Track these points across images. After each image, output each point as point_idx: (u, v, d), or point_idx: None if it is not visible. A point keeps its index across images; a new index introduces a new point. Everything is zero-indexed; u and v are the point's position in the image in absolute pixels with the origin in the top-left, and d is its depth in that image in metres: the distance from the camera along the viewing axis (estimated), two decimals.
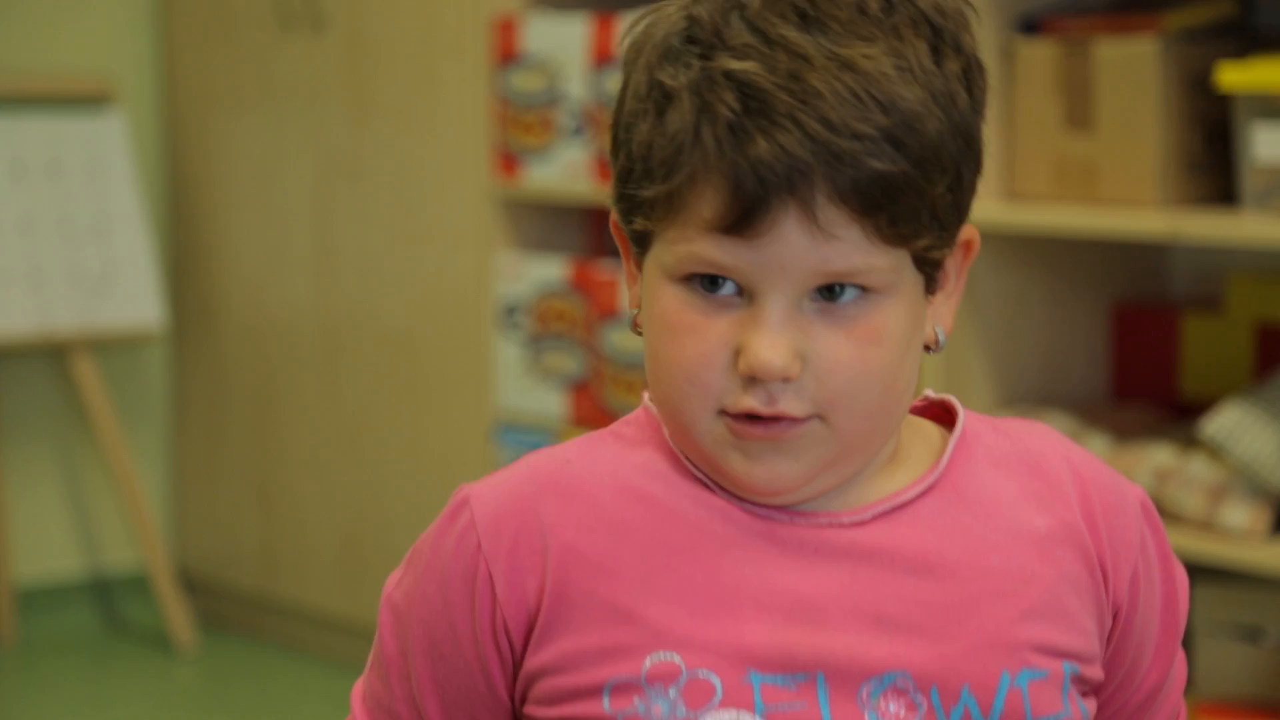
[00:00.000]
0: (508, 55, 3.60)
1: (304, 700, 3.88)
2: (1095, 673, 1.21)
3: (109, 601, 4.36)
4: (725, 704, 1.14)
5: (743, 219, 1.10)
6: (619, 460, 1.20)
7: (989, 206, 3.02)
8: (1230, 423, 2.80)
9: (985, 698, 1.15)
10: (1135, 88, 2.92)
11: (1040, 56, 3.01)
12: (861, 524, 1.17)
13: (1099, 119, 2.96)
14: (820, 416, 1.13)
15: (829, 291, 1.12)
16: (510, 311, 3.64)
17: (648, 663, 1.14)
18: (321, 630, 4.08)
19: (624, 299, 3.40)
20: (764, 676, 1.14)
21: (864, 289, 1.12)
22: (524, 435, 3.62)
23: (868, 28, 1.11)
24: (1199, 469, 2.84)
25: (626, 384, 3.46)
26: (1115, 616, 1.23)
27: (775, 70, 1.09)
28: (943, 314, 1.19)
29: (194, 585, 4.35)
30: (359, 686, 1.27)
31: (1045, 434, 1.25)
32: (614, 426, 1.23)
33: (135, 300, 4.11)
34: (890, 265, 1.12)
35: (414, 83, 3.81)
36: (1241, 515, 2.80)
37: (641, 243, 1.17)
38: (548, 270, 3.57)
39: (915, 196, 1.11)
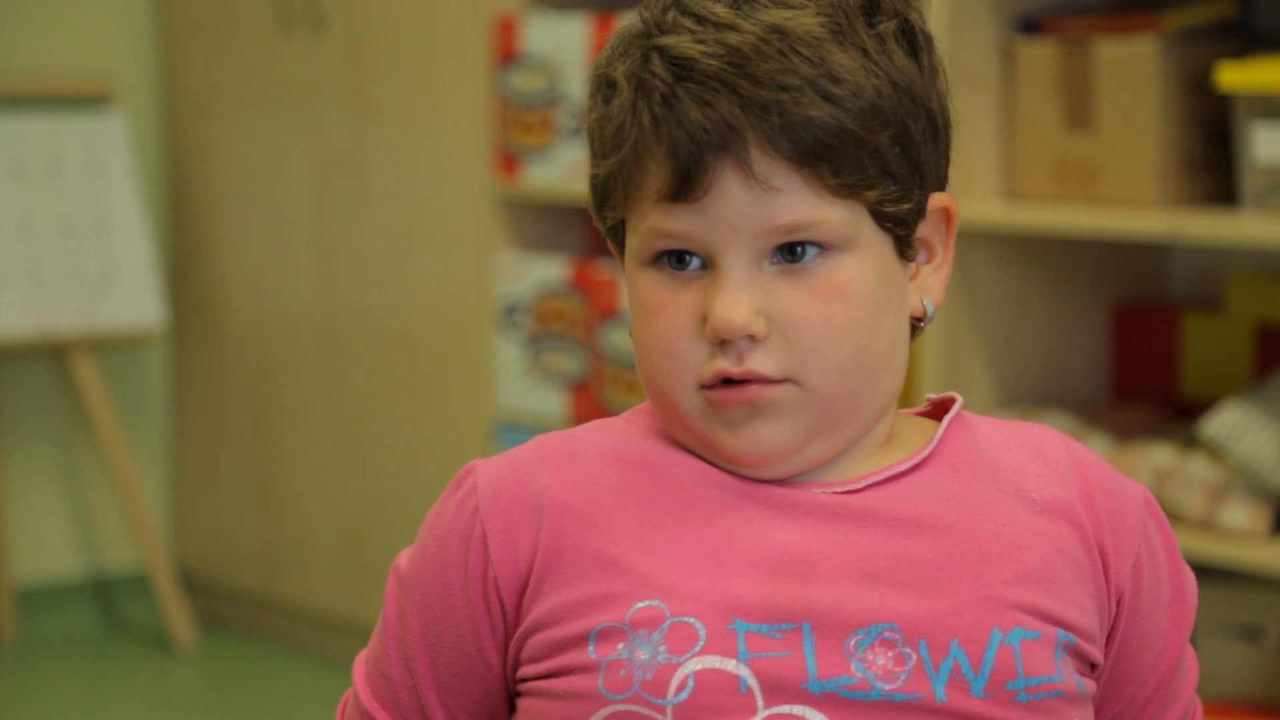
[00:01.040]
0: (508, 55, 3.60)
1: (304, 700, 3.88)
2: (1093, 652, 1.22)
3: (109, 601, 4.36)
4: (708, 650, 1.15)
5: (684, 183, 1.15)
6: (622, 435, 1.23)
7: (989, 206, 3.02)
8: (1230, 423, 2.80)
9: (975, 652, 1.16)
10: (1135, 88, 2.92)
11: (1040, 56, 3.01)
12: (854, 491, 1.20)
13: (1099, 119, 2.96)
14: (794, 380, 1.16)
15: (790, 253, 1.16)
16: (510, 311, 3.64)
17: (632, 610, 1.16)
18: (321, 630, 4.08)
19: (624, 300, 3.40)
20: (749, 625, 1.16)
21: (823, 246, 1.16)
22: (524, 435, 3.62)
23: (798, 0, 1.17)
24: (1199, 469, 2.84)
25: (626, 384, 3.46)
26: (1119, 603, 1.23)
27: (704, 41, 1.15)
28: (930, 286, 1.23)
29: (194, 585, 4.35)
30: (361, 655, 1.29)
31: (1046, 429, 1.28)
32: (622, 414, 1.27)
33: (135, 300, 4.11)
34: (843, 219, 1.16)
35: (414, 83, 3.81)
36: (1241, 515, 2.80)
37: (618, 238, 1.22)
38: (548, 270, 3.57)
39: (853, 145, 1.15)
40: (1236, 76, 2.80)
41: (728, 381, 1.17)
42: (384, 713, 1.26)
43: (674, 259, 1.18)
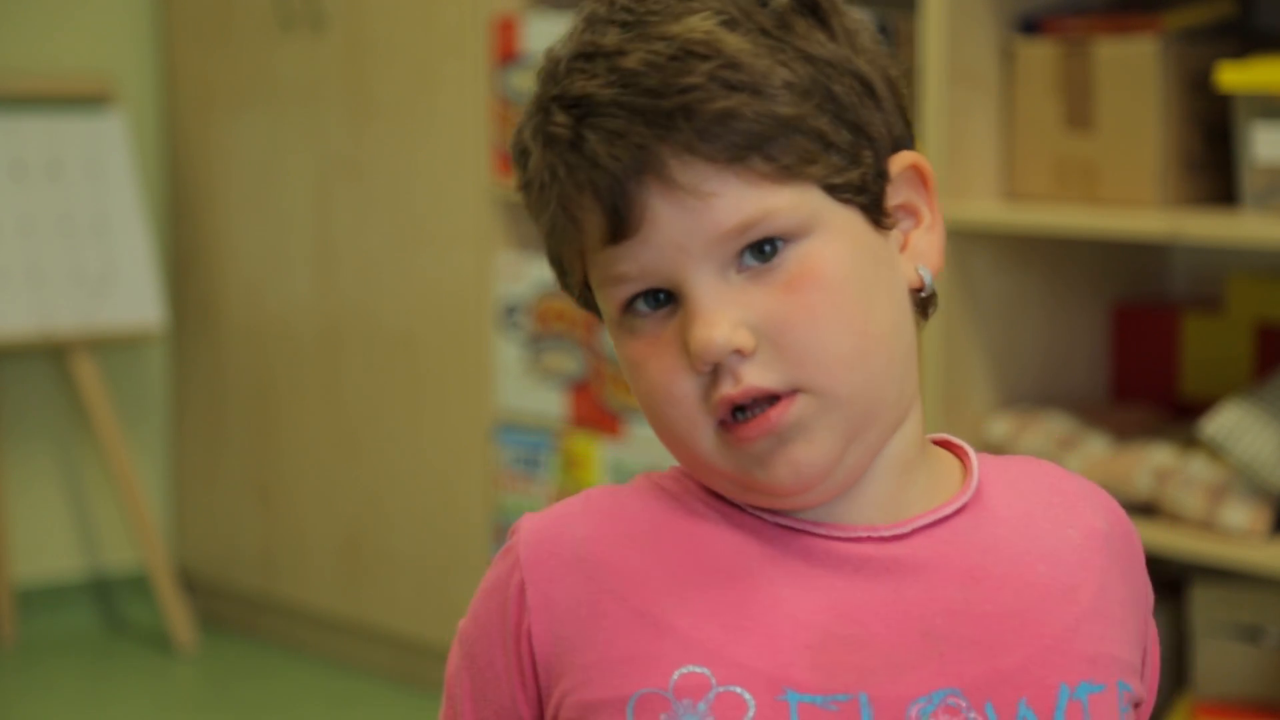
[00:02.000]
0: (508, 55, 3.60)
1: (304, 700, 3.88)
2: (1140, 688, 1.18)
3: (109, 601, 4.36)
4: None
5: (617, 221, 1.10)
6: (667, 495, 1.17)
7: (989, 206, 3.02)
8: (1230, 423, 2.80)
9: (1045, 710, 1.12)
10: (1135, 88, 2.92)
11: (1040, 56, 3.01)
12: (902, 537, 1.14)
13: (1099, 119, 2.96)
14: (801, 389, 1.10)
15: (755, 254, 1.10)
16: (510, 311, 3.64)
17: (675, 675, 1.10)
18: (321, 630, 4.08)
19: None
20: (801, 696, 1.09)
21: (784, 238, 1.10)
22: (524, 435, 3.62)
23: (684, 3, 1.12)
24: (1199, 469, 2.84)
25: (626, 384, 3.46)
26: (1149, 624, 1.21)
27: (597, 75, 1.10)
28: (924, 251, 1.17)
29: (194, 585, 4.35)
30: None
31: (1040, 462, 1.24)
32: (663, 476, 1.21)
33: (135, 300, 4.11)
34: (793, 204, 1.10)
35: (414, 83, 3.81)
36: (1241, 515, 2.79)
37: (590, 304, 1.17)
38: (548, 270, 3.56)
39: (777, 127, 1.10)
40: (1236, 76, 2.80)
41: (739, 412, 1.10)
42: None
43: (644, 302, 1.12)
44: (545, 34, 3.54)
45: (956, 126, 3.00)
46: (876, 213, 1.14)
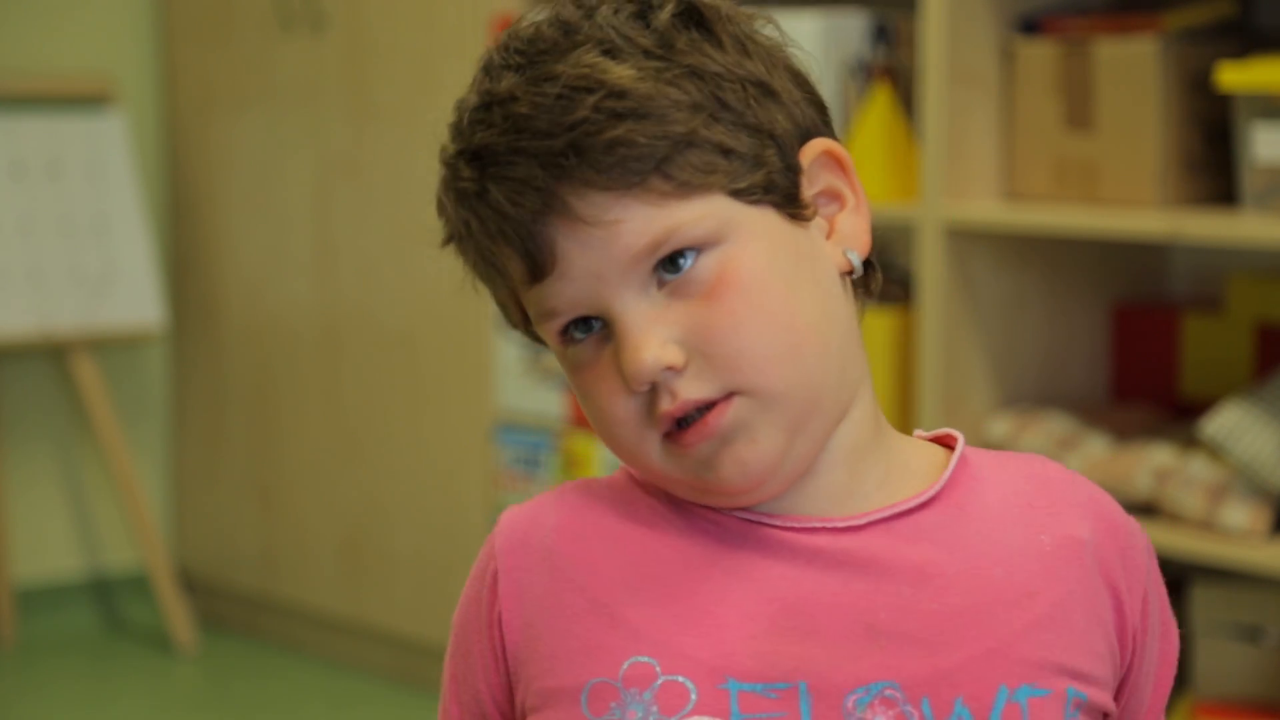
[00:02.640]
0: None
1: (304, 700, 3.88)
2: (1104, 700, 1.18)
3: (109, 601, 4.37)
4: (699, 710, 1.12)
5: (533, 260, 1.13)
6: (631, 485, 1.20)
7: (989, 206, 3.02)
8: (1230, 423, 2.80)
9: (980, 710, 1.13)
10: (1135, 88, 2.92)
11: (1040, 56, 3.01)
12: (856, 529, 1.16)
13: (1099, 119, 2.96)
14: (737, 391, 1.12)
15: (672, 268, 1.13)
16: None
17: (625, 665, 1.14)
18: (321, 630, 4.08)
19: None
20: (742, 685, 1.13)
21: (698, 249, 1.13)
22: (524, 435, 3.62)
23: (571, 39, 1.14)
24: (1199, 469, 2.84)
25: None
26: (1133, 641, 1.20)
27: (493, 126, 1.14)
28: (850, 233, 1.18)
29: (194, 585, 4.35)
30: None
31: (1048, 462, 1.24)
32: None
33: (135, 300, 4.11)
34: (700, 215, 1.12)
35: (414, 83, 3.81)
36: (1241, 515, 2.80)
37: (538, 339, 1.20)
38: None
39: (670, 145, 1.12)
40: (1236, 76, 2.80)
41: (681, 422, 1.13)
42: None
43: (578, 329, 1.15)
44: None
45: (956, 126, 3.00)
46: (790, 207, 1.16)
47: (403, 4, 3.81)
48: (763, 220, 1.14)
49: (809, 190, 1.17)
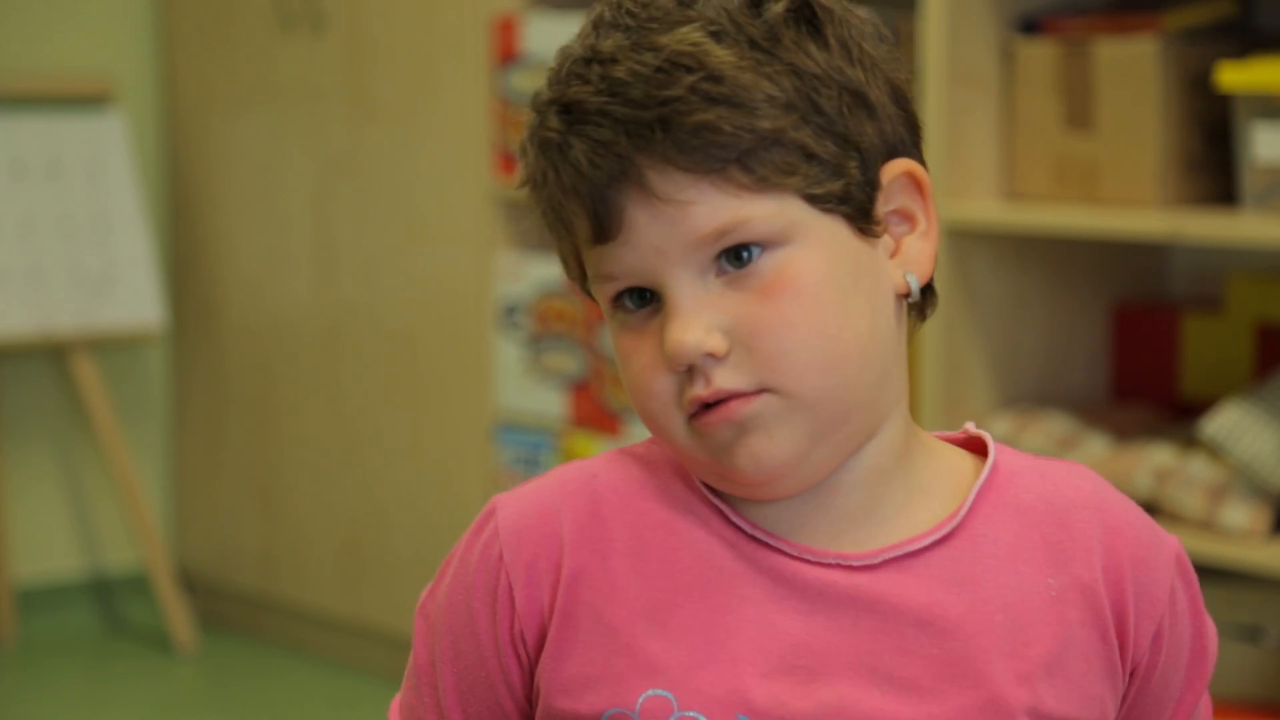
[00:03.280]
0: (508, 55, 3.61)
1: (304, 700, 3.88)
2: None
3: (109, 601, 4.36)
4: None
5: (599, 224, 1.14)
6: (641, 481, 1.21)
7: (989, 206, 3.02)
8: (1230, 423, 2.80)
9: None
10: (1135, 88, 2.92)
11: (1040, 56, 3.01)
12: (869, 568, 1.17)
13: (1099, 119, 2.96)
14: (770, 389, 1.13)
15: (733, 259, 1.14)
16: (510, 311, 3.64)
17: (642, 698, 1.15)
18: (321, 630, 4.08)
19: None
20: None
21: (762, 245, 1.13)
22: (524, 435, 3.62)
23: (683, 12, 1.15)
24: (1199, 469, 2.84)
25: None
26: (1133, 674, 1.21)
27: (590, 81, 1.14)
28: (915, 257, 1.18)
29: (194, 585, 4.35)
30: (396, 699, 1.29)
31: (1083, 480, 1.23)
32: (636, 446, 1.25)
33: (135, 300, 4.11)
34: (771, 212, 1.13)
35: (414, 83, 3.81)
36: (1241, 515, 2.80)
37: (593, 296, 1.21)
38: (548, 270, 3.57)
39: (755, 139, 1.12)
40: (1236, 76, 2.80)
41: (708, 405, 1.14)
42: None
43: (631, 298, 1.16)
44: (545, 34, 3.54)
45: (956, 126, 3.00)
46: (862, 220, 1.16)
47: (403, 4, 3.81)
48: (831, 229, 1.15)
49: (883, 207, 1.17)
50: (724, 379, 1.13)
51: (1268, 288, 3.08)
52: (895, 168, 1.17)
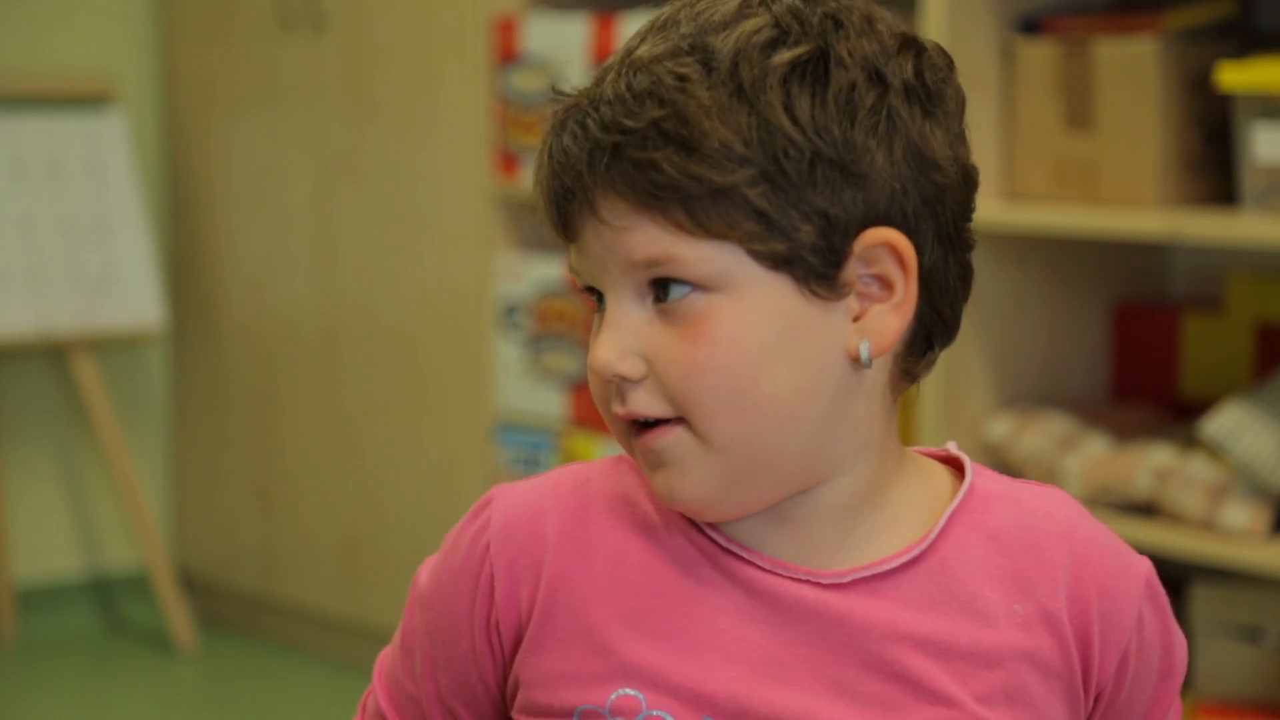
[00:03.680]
0: (508, 55, 3.60)
1: (304, 700, 3.88)
2: None
3: (109, 601, 4.37)
4: None
5: (557, 221, 1.17)
6: (631, 489, 1.22)
7: (989, 206, 3.02)
8: (1230, 423, 2.80)
9: None
10: (1135, 88, 2.92)
11: (1040, 56, 3.01)
12: (838, 587, 1.18)
13: (1099, 119, 2.96)
14: (684, 421, 1.15)
15: (663, 290, 1.14)
16: (510, 311, 3.64)
17: (613, 696, 1.17)
18: (321, 630, 4.08)
19: None
20: None
21: (693, 285, 1.13)
22: (524, 435, 3.62)
23: (703, 39, 1.14)
24: (1199, 469, 2.84)
25: None
26: (1098, 699, 1.22)
27: (600, 84, 1.16)
28: (878, 329, 1.15)
29: (194, 585, 4.35)
30: (382, 653, 1.31)
31: (1055, 506, 1.23)
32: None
33: (135, 300, 4.11)
34: (705, 257, 1.13)
35: (414, 83, 3.81)
36: (1241, 515, 2.80)
37: None
38: (548, 270, 3.57)
39: (699, 188, 1.12)
40: (1236, 76, 2.80)
41: (638, 423, 1.17)
42: (396, 716, 1.28)
43: (594, 295, 1.18)
44: (545, 34, 3.54)
45: None
46: (813, 283, 1.14)
47: (403, 4, 3.81)
48: (770, 285, 1.14)
49: (858, 270, 1.15)
50: (637, 402, 1.15)
51: (1268, 288, 3.08)
52: (874, 236, 1.14)
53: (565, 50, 3.51)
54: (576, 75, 3.49)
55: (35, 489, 4.28)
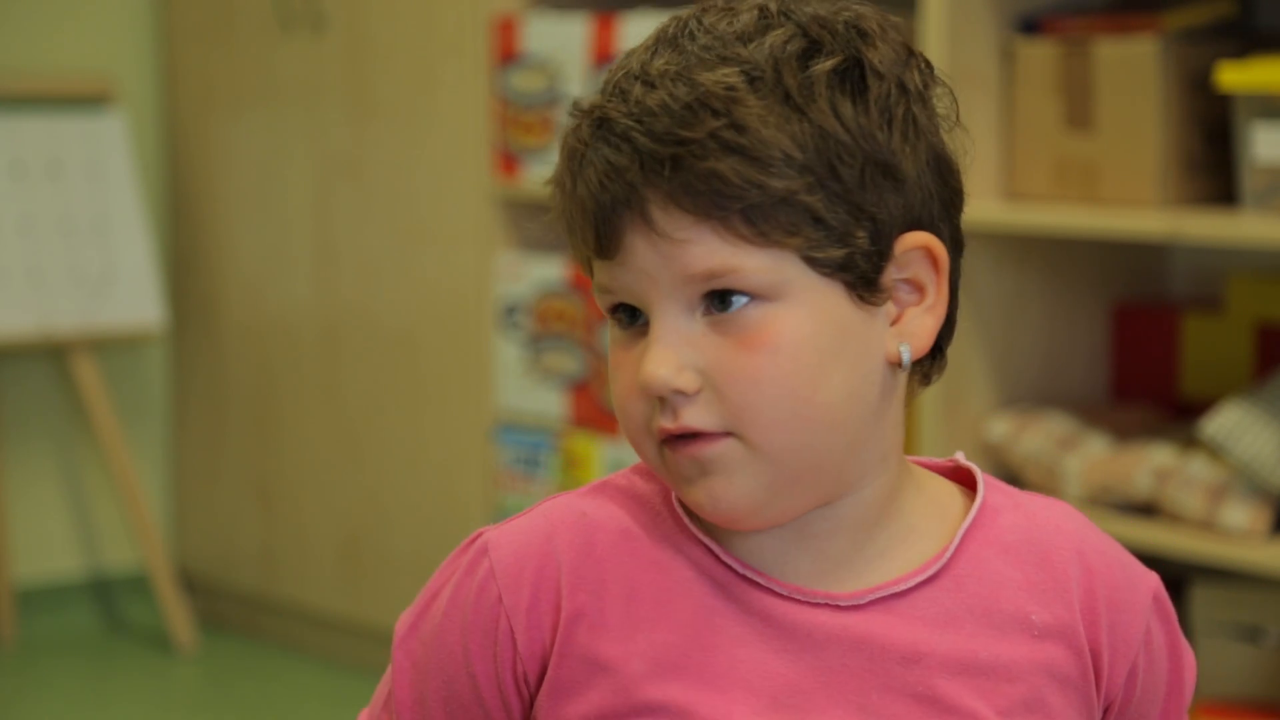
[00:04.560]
0: (508, 55, 3.60)
1: (304, 700, 3.88)
2: None
3: (109, 601, 4.36)
4: None
5: (601, 239, 1.15)
6: (629, 519, 1.21)
7: (989, 206, 3.02)
8: (1230, 423, 2.80)
9: None
10: (1135, 88, 2.92)
11: (1040, 56, 3.01)
12: (857, 608, 1.18)
13: (1099, 119, 2.96)
14: (736, 435, 1.14)
15: (719, 302, 1.14)
16: (510, 311, 3.64)
17: None
18: (321, 630, 4.08)
19: None
20: None
21: (750, 295, 1.13)
22: (524, 435, 3.62)
23: (732, 48, 1.14)
24: (1199, 469, 2.84)
25: None
26: (1107, 710, 1.23)
27: (626, 101, 1.14)
28: (916, 330, 1.17)
29: (194, 585, 4.35)
30: (365, 715, 1.27)
31: (1063, 519, 1.24)
32: (616, 477, 1.25)
33: (135, 300, 4.11)
34: (764, 267, 1.13)
35: (414, 83, 3.81)
36: (1241, 515, 2.80)
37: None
38: (548, 270, 3.57)
39: (762, 196, 1.12)
40: (1236, 76, 2.80)
41: (678, 437, 1.15)
42: None
43: (625, 313, 1.17)
44: (545, 34, 3.54)
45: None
46: (862, 288, 1.15)
47: (403, 4, 3.81)
48: (825, 292, 1.15)
49: (894, 275, 1.16)
50: (690, 416, 1.14)
51: (1268, 288, 3.08)
52: (912, 240, 1.16)
53: (565, 50, 3.51)
54: (576, 75, 3.49)
55: (35, 489, 4.28)
